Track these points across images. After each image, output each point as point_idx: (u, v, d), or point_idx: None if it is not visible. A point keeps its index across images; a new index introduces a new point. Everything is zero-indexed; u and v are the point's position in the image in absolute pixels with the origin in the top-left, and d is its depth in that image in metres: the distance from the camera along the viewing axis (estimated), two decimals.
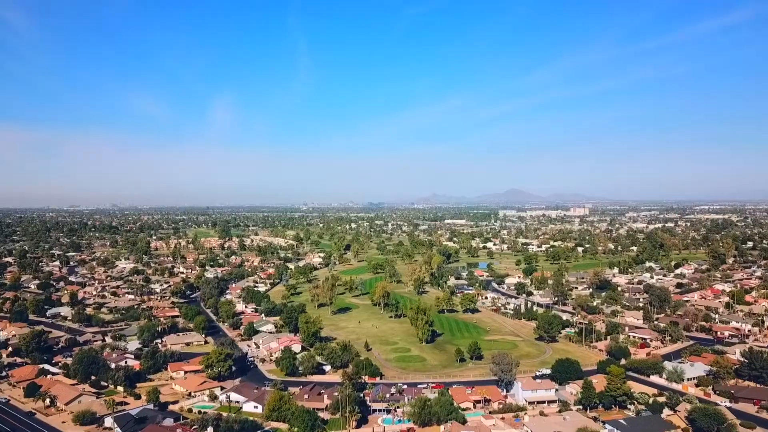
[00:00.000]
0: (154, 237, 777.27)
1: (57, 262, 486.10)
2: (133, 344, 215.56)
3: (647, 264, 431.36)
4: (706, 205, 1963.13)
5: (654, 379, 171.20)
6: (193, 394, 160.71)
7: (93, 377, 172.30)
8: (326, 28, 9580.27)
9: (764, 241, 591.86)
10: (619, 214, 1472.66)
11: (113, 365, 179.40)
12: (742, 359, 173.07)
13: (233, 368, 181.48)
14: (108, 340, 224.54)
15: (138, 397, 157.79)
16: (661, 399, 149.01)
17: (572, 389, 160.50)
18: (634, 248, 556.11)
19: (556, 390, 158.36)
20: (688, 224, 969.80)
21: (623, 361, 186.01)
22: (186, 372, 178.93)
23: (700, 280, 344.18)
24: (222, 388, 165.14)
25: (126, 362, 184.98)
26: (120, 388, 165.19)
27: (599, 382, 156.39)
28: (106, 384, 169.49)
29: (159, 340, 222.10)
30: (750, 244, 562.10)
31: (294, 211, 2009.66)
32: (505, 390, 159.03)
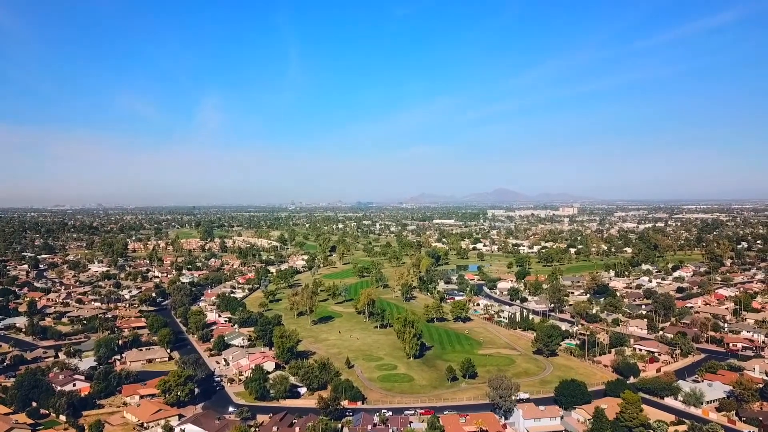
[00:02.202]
0: (134, 238, 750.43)
1: (25, 266, 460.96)
2: (89, 361, 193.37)
3: (644, 266, 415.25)
4: (693, 204, 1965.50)
5: (669, 401, 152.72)
6: (145, 425, 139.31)
7: (34, 404, 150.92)
8: (317, 28, 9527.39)
9: (758, 242, 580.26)
10: (607, 213, 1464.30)
11: (59, 389, 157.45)
12: (766, 378, 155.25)
13: (196, 391, 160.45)
14: (62, 356, 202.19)
15: (81, 429, 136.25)
16: (683, 429, 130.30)
17: (579, 416, 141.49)
18: (628, 249, 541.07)
19: (562, 417, 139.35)
20: (678, 224, 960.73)
21: (632, 379, 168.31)
22: (142, 396, 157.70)
23: (701, 284, 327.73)
24: (180, 416, 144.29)
25: (74, 385, 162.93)
26: (62, 418, 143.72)
27: (610, 407, 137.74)
28: (47, 412, 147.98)
29: (118, 356, 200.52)
30: (744, 244, 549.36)
31: (281, 211, 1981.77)
32: (503, 418, 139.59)
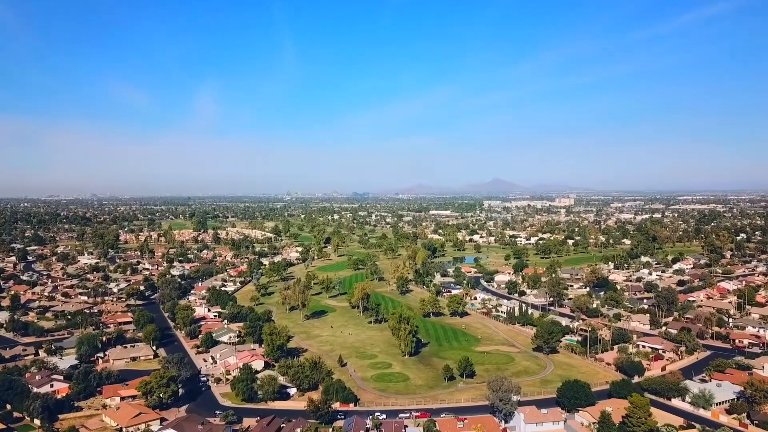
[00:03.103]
0: (126, 229, 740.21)
1: (13, 258, 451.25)
2: (70, 359, 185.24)
3: (643, 259, 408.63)
4: (689, 195, 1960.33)
5: (676, 402, 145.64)
6: (124, 430, 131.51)
7: (8, 406, 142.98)
8: (312, 17, 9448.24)
9: (757, 233, 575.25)
10: (604, 204, 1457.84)
11: (35, 390, 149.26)
12: None
13: (180, 392, 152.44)
14: (42, 353, 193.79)
15: None
16: None
17: (583, 419, 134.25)
18: (626, 241, 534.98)
19: (565, 421, 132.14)
20: (675, 215, 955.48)
21: (637, 378, 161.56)
22: (122, 398, 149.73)
23: (703, 277, 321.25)
24: (163, 420, 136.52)
25: (52, 386, 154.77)
26: (37, 422, 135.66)
27: (615, 409, 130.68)
28: (21, 415, 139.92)
29: (101, 354, 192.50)
30: (743, 236, 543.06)
31: (277, 201, 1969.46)
32: (503, 422, 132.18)
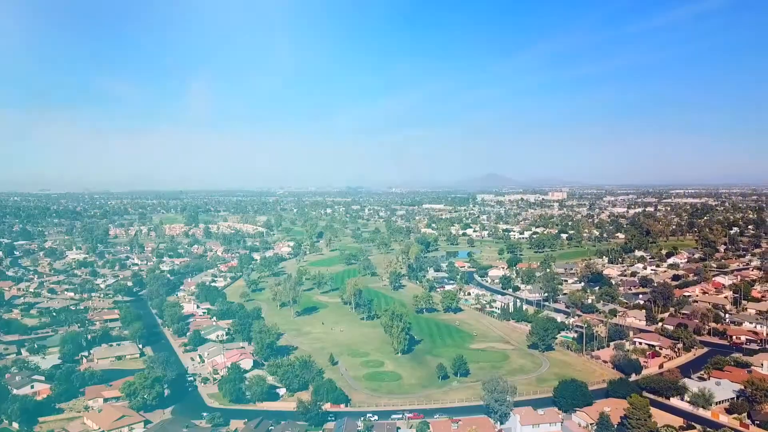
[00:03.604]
0: (116, 223, 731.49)
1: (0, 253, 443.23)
2: (53, 358, 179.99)
3: (637, 253, 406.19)
4: (681, 189, 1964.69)
5: (675, 402, 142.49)
6: None
7: None
8: (306, 9, 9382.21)
9: (750, 227, 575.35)
10: (597, 198, 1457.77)
11: (14, 392, 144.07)
12: None
13: (166, 393, 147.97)
14: (24, 353, 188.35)
15: None
16: None
17: (580, 419, 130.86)
18: (620, 235, 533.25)
19: (562, 422, 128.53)
20: (668, 208, 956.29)
21: (634, 377, 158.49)
22: (106, 399, 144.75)
23: (697, 272, 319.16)
24: (146, 422, 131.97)
25: (32, 387, 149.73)
26: (16, 425, 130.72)
27: (613, 409, 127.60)
28: None
29: (85, 353, 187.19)
30: (736, 230, 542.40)
31: (269, 195, 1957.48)
32: (499, 423, 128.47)
